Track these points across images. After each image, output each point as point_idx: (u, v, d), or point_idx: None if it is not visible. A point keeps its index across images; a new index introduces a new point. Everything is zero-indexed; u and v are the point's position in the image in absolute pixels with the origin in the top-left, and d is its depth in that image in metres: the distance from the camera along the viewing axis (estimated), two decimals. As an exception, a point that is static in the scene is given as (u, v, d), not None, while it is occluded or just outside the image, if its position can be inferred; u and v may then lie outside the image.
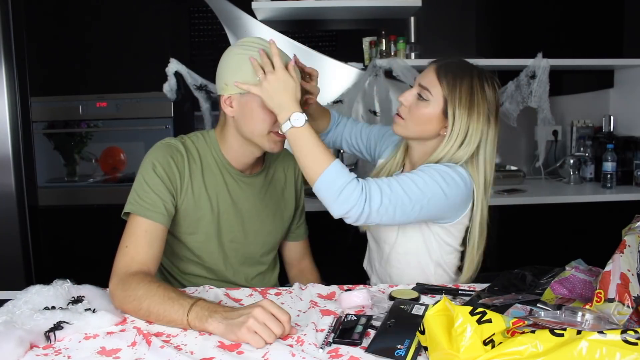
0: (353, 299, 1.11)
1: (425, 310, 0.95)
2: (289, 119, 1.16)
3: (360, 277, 1.58)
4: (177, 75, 2.52)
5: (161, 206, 1.22)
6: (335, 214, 1.18)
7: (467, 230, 1.37)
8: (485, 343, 0.80)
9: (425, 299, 1.19)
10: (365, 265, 1.59)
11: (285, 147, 1.52)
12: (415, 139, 1.36)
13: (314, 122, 1.51)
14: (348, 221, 1.19)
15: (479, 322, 0.82)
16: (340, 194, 1.14)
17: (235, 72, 1.23)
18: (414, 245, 1.38)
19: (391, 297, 1.15)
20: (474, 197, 1.32)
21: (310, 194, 1.62)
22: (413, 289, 1.23)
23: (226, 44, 2.74)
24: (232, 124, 1.29)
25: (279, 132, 1.22)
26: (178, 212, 1.29)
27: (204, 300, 1.03)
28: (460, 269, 1.42)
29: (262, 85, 1.18)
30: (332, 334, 0.98)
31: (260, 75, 1.19)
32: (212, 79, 1.30)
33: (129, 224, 1.22)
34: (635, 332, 0.73)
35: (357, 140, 1.59)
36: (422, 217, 1.26)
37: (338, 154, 2.80)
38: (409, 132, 1.34)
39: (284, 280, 1.58)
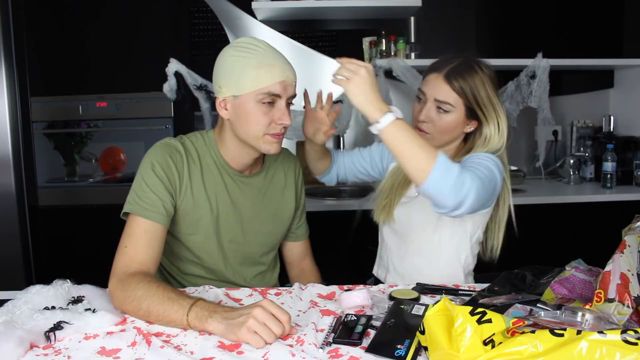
0: (353, 299, 1.11)
1: (425, 310, 0.95)
2: (389, 112, 1.08)
3: (360, 277, 1.58)
4: (177, 75, 2.52)
5: (160, 206, 1.22)
6: (451, 204, 1.09)
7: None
8: (485, 343, 0.80)
9: (425, 299, 1.19)
10: (377, 270, 1.58)
11: (283, 146, 1.52)
12: (442, 145, 1.38)
13: (319, 161, 1.53)
14: (457, 213, 1.11)
15: (479, 322, 0.82)
16: (455, 182, 1.07)
17: (229, 75, 1.23)
18: (449, 233, 1.40)
19: (391, 297, 1.15)
20: (504, 180, 1.35)
21: (310, 193, 1.62)
22: (413, 289, 1.23)
23: (226, 44, 2.73)
24: (228, 125, 1.29)
25: (373, 130, 1.11)
26: (177, 212, 1.29)
27: (204, 300, 1.03)
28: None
29: (353, 81, 1.09)
30: (332, 334, 0.98)
31: (351, 69, 1.09)
32: (212, 79, 1.30)
33: (128, 224, 1.22)
34: (635, 332, 0.73)
35: (361, 162, 1.59)
36: (491, 202, 1.29)
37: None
38: (436, 142, 1.36)
39: (284, 280, 1.58)
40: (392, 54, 2.65)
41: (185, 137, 1.35)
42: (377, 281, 1.56)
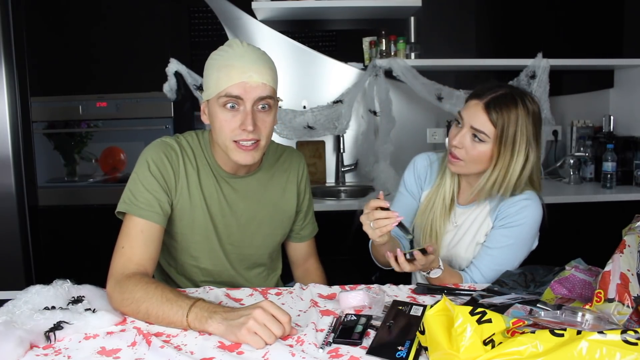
0: (351, 299, 1.11)
1: (424, 310, 0.95)
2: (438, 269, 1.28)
3: (361, 277, 1.58)
4: (177, 75, 2.52)
5: (156, 205, 1.21)
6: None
7: None
8: (485, 343, 0.80)
9: (425, 299, 1.19)
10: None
11: (289, 144, 1.50)
12: (475, 174, 1.38)
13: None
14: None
15: (479, 322, 0.82)
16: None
17: (204, 79, 1.23)
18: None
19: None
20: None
21: (316, 194, 1.61)
22: (415, 289, 1.23)
23: (226, 44, 2.73)
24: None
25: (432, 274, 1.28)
26: (174, 211, 1.27)
27: (203, 301, 1.03)
28: None
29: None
30: (332, 334, 0.98)
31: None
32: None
33: (124, 224, 1.21)
34: (635, 332, 0.73)
35: (412, 208, 1.53)
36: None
37: (338, 154, 2.80)
38: (469, 170, 1.37)
39: (289, 278, 1.57)
40: (392, 54, 2.65)
41: (181, 136, 1.33)
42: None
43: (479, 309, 0.84)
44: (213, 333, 0.98)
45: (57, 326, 0.98)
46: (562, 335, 0.76)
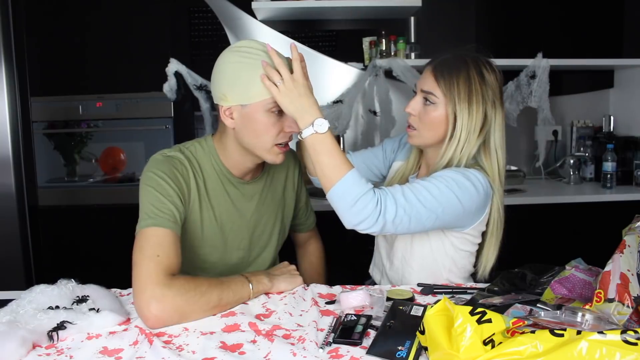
0: (352, 300, 1.11)
1: (424, 310, 0.95)
2: (312, 125, 1.14)
3: (360, 277, 1.58)
4: (177, 75, 2.52)
5: (177, 216, 1.19)
6: (348, 224, 1.15)
7: (483, 233, 1.37)
8: (485, 343, 0.81)
9: (425, 298, 1.19)
10: (372, 270, 1.56)
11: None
12: (431, 145, 1.34)
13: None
14: (360, 230, 1.15)
15: (479, 322, 0.82)
16: (354, 205, 1.11)
17: (235, 83, 1.18)
18: (429, 250, 1.36)
19: (388, 298, 1.15)
20: (493, 189, 1.29)
21: (309, 193, 1.61)
22: (422, 290, 1.23)
23: (226, 44, 2.74)
24: (232, 134, 1.25)
25: (300, 137, 1.18)
26: (185, 222, 1.25)
27: (245, 273, 1.20)
28: (473, 275, 1.42)
29: (281, 88, 1.15)
30: (332, 334, 0.99)
31: (276, 78, 1.15)
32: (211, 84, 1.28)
33: (152, 233, 1.14)
34: (635, 332, 0.73)
35: (374, 162, 1.54)
36: (437, 226, 1.23)
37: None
38: (424, 140, 1.33)
39: (292, 258, 1.56)
40: (392, 54, 2.66)
41: (184, 148, 1.30)
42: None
43: (479, 309, 0.84)
44: (267, 291, 1.20)
45: (60, 326, 0.99)
46: (562, 335, 0.76)
